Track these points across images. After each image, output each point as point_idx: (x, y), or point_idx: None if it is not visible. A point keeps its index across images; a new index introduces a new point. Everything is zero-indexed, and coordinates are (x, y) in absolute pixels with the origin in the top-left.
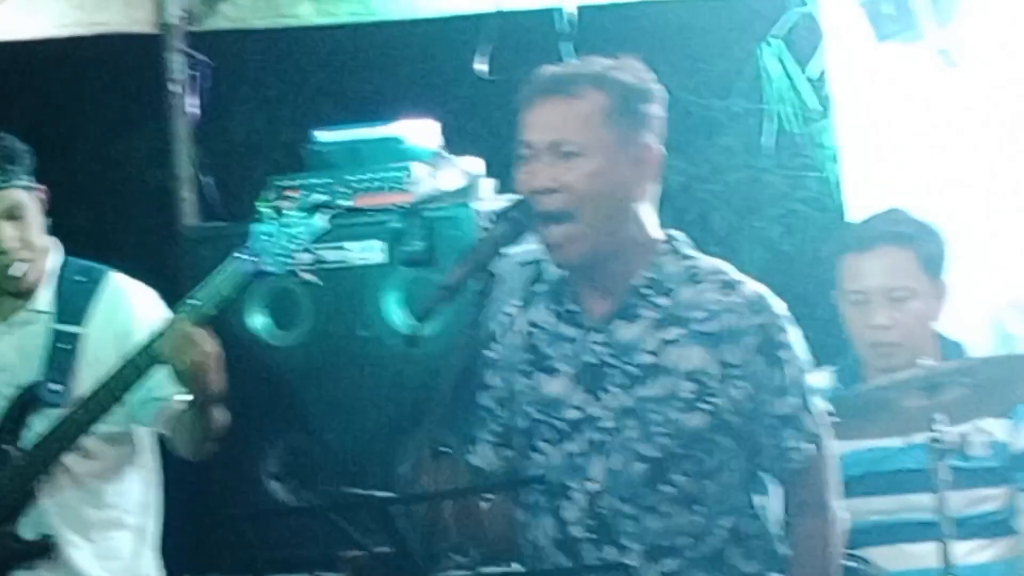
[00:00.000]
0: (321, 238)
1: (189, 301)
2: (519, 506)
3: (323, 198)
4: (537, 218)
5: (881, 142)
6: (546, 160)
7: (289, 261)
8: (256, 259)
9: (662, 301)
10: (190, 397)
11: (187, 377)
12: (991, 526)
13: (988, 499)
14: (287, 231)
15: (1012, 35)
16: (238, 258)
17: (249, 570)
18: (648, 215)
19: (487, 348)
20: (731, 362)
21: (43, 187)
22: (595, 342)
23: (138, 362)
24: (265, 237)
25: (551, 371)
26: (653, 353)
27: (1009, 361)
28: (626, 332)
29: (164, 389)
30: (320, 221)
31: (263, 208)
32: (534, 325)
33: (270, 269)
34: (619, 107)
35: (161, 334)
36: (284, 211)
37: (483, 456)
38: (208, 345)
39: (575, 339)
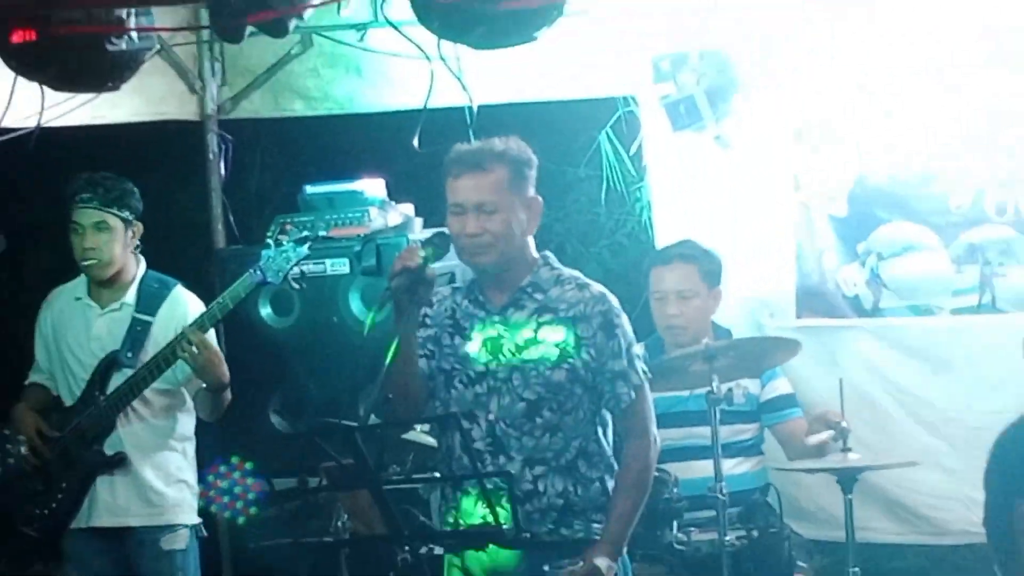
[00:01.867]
0: (307, 257)
1: (218, 300)
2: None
3: (306, 233)
4: (465, 249)
5: (679, 197)
6: (472, 214)
7: (283, 274)
8: (262, 273)
9: (539, 297)
10: (202, 383)
11: (197, 371)
12: (746, 449)
13: (744, 431)
14: (283, 255)
15: (769, 125)
16: (250, 272)
17: (260, 474)
18: (530, 242)
19: (422, 321)
20: (583, 336)
21: (138, 223)
22: (495, 321)
23: (166, 356)
24: (268, 258)
25: (466, 337)
26: (533, 330)
27: (759, 341)
28: (516, 316)
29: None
30: (304, 248)
31: (267, 239)
32: (456, 304)
33: (271, 280)
34: (516, 174)
35: (179, 337)
36: (281, 241)
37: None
38: (209, 350)
39: (483, 319)
